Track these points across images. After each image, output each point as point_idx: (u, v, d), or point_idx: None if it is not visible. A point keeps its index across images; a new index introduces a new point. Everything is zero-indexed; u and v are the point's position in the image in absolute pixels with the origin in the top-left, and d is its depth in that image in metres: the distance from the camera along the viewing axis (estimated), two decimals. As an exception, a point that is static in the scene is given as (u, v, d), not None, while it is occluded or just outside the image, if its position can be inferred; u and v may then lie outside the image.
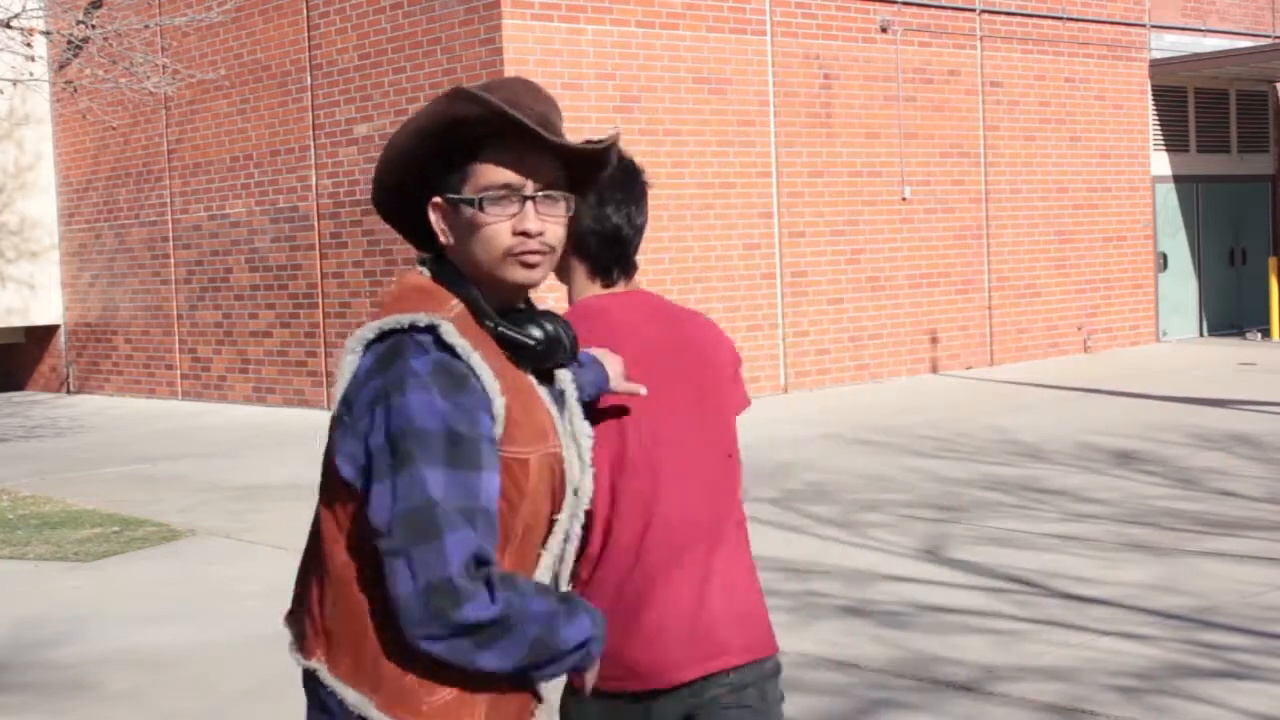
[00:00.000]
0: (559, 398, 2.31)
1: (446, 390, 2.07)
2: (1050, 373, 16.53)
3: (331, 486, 2.16)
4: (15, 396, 19.57)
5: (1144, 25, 19.49)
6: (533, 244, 2.17)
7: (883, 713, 5.30)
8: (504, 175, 2.17)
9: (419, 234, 2.31)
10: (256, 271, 16.66)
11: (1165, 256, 20.03)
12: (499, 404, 2.12)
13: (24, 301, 19.33)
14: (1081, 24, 18.69)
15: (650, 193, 2.81)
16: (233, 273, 16.99)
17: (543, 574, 2.23)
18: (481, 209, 2.17)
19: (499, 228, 2.17)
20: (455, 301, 2.20)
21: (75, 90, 15.13)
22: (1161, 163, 19.87)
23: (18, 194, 19.32)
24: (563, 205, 2.22)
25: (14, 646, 6.68)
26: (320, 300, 15.82)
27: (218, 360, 17.26)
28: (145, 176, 18.24)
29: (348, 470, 2.10)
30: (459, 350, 2.11)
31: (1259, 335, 19.86)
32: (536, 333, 2.24)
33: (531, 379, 2.24)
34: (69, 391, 19.46)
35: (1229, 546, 7.70)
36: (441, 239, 2.23)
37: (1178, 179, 20.14)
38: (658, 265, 14.55)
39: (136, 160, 18.35)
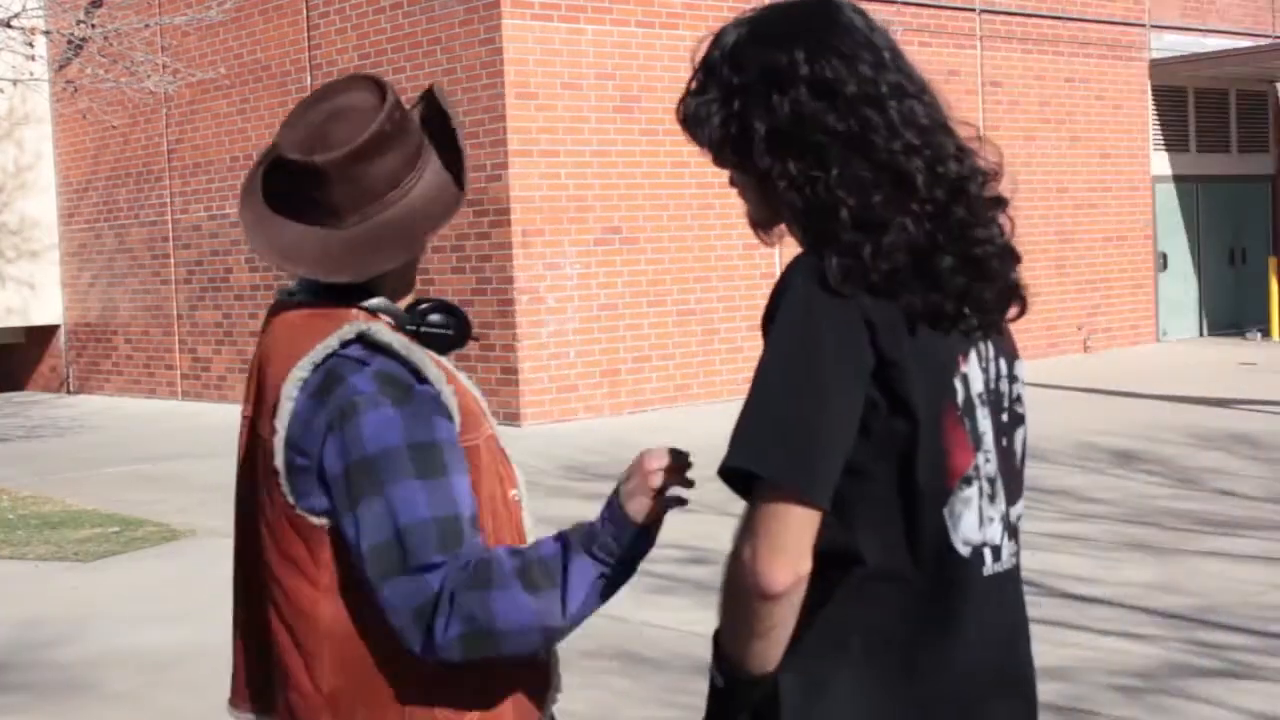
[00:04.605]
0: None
1: (398, 401, 1.95)
2: (1050, 373, 16.52)
3: (291, 543, 2.03)
4: (15, 396, 19.56)
5: (1144, 25, 19.49)
6: None
7: (883, 713, 5.29)
8: None
9: None
10: (256, 271, 16.66)
11: (1165, 256, 20.03)
12: (450, 397, 2.01)
13: (24, 301, 19.32)
14: (1081, 24, 18.69)
15: (650, 193, 2.85)
16: (233, 273, 17.00)
17: None
18: None
19: None
20: (355, 312, 2.06)
21: (75, 90, 15.13)
22: (1161, 162, 19.87)
23: (18, 194, 19.32)
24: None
25: (14, 647, 6.68)
26: (320, 300, 15.84)
27: (218, 360, 17.27)
28: (145, 176, 18.25)
29: (318, 514, 1.99)
30: (397, 348, 2.00)
31: (1259, 335, 19.85)
32: (440, 318, 2.17)
33: (450, 364, 2.14)
34: (69, 392, 19.46)
35: (1229, 546, 7.70)
36: None
37: (1178, 179, 20.14)
38: (658, 265, 14.54)
39: (136, 160, 18.35)
